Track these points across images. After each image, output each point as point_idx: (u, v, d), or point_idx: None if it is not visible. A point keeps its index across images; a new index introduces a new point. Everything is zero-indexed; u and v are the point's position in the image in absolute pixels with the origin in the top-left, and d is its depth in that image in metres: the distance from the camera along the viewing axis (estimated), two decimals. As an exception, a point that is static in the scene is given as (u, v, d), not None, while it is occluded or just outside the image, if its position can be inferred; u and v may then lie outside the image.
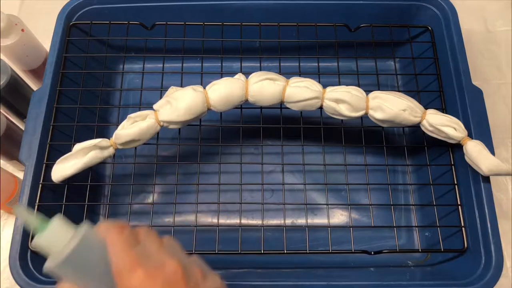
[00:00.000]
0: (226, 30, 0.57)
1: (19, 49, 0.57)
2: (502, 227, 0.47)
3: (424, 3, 0.59)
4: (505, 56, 0.71)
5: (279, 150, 0.55)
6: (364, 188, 0.55)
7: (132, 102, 0.63)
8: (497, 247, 0.46)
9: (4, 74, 0.54)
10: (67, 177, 0.46)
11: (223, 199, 0.51)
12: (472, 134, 0.50)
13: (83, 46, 0.58)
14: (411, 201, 0.57)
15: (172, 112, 0.47)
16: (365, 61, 0.60)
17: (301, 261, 0.54)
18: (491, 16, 0.74)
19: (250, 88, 0.49)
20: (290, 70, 0.56)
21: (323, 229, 0.55)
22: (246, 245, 0.48)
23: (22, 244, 0.45)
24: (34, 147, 0.49)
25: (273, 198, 0.58)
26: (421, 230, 0.57)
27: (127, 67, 0.65)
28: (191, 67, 0.59)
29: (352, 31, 0.58)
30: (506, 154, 0.64)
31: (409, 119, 0.49)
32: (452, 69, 0.55)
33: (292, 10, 0.59)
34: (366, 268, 0.53)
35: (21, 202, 0.47)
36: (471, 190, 0.49)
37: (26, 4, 0.74)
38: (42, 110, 0.51)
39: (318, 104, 0.50)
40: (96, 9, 0.58)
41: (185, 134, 0.53)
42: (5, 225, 0.60)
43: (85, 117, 0.55)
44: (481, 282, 0.45)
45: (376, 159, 0.59)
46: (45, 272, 0.29)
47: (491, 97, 0.66)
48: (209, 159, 0.58)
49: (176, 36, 0.57)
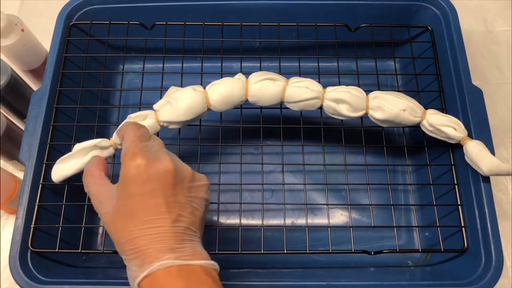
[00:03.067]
0: (226, 30, 0.57)
1: (19, 49, 0.57)
2: (502, 227, 0.47)
3: (424, 3, 0.59)
4: (505, 56, 0.71)
5: (279, 150, 0.55)
6: (364, 188, 0.55)
7: (132, 102, 0.63)
8: (497, 247, 0.46)
9: (4, 74, 0.54)
10: (67, 177, 0.46)
11: (223, 199, 0.51)
12: (472, 134, 0.50)
13: (83, 46, 0.58)
14: (411, 201, 0.57)
15: (172, 112, 0.47)
16: (365, 61, 0.60)
17: (301, 261, 0.54)
18: (491, 16, 0.74)
19: (250, 88, 0.49)
20: (290, 70, 0.56)
21: (323, 229, 0.55)
22: (246, 245, 0.48)
23: (22, 244, 0.45)
24: (34, 147, 0.49)
25: (273, 198, 0.58)
26: (421, 230, 0.57)
27: (127, 67, 0.65)
28: (191, 67, 0.59)
29: (352, 31, 0.58)
30: (506, 154, 0.64)
31: (409, 119, 0.49)
32: (452, 69, 0.55)
33: (292, 10, 0.59)
34: (366, 268, 0.53)
35: (21, 202, 0.47)
36: (471, 190, 0.49)
37: (26, 4, 0.74)
38: (42, 110, 0.51)
39: (318, 104, 0.50)
40: (96, 9, 0.58)
41: (185, 134, 0.53)
42: (5, 225, 0.60)
43: (85, 117, 0.55)
44: (481, 282, 0.45)
45: (376, 159, 0.59)
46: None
47: (491, 97, 0.66)
48: (209, 159, 0.58)
49: (176, 36, 0.57)
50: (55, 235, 0.47)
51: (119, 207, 0.35)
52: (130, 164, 0.35)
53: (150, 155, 0.36)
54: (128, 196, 0.35)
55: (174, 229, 0.34)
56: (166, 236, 0.34)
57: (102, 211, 0.36)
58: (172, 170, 0.35)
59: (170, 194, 0.35)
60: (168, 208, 0.34)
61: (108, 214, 0.36)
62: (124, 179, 0.35)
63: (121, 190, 0.36)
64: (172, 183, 0.35)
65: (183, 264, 0.33)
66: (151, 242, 0.33)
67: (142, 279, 0.33)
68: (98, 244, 0.56)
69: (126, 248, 0.34)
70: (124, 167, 0.35)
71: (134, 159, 0.35)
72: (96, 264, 0.54)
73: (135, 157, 0.35)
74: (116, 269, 0.51)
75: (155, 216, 0.34)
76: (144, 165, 0.35)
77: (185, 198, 0.36)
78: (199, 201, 0.37)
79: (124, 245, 0.34)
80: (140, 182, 0.35)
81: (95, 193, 0.38)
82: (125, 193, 0.35)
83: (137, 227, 0.34)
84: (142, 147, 0.36)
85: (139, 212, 0.34)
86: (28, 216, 0.46)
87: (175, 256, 0.33)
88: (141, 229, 0.34)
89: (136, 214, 0.34)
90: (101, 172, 0.39)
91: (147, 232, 0.34)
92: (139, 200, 0.34)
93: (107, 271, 0.53)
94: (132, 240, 0.34)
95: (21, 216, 0.46)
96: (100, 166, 0.40)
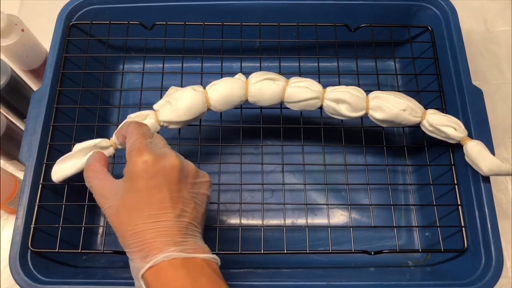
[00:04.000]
0: (226, 30, 0.57)
1: (19, 49, 0.57)
2: (502, 227, 0.47)
3: (424, 3, 0.59)
4: (505, 56, 0.71)
5: (279, 150, 0.55)
6: (364, 188, 0.55)
7: (132, 102, 0.63)
8: (497, 247, 0.46)
9: (4, 74, 0.54)
10: (67, 177, 0.46)
11: (223, 199, 0.51)
12: (472, 134, 0.50)
13: (83, 46, 0.58)
14: (411, 201, 0.57)
15: (172, 112, 0.47)
16: (365, 61, 0.60)
17: (301, 261, 0.54)
18: (491, 16, 0.74)
19: (250, 88, 0.49)
20: (290, 70, 0.56)
21: (323, 229, 0.55)
22: (246, 245, 0.48)
23: (22, 244, 0.45)
24: (34, 147, 0.49)
25: (273, 198, 0.58)
26: (421, 230, 0.57)
27: (127, 67, 0.65)
28: (191, 67, 0.59)
29: (352, 31, 0.58)
30: (506, 154, 0.64)
31: (409, 119, 0.49)
32: (452, 69, 0.55)
33: (292, 10, 0.59)
34: (366, 268, 0.53)
35: (21, 202, 0.47)
36: (471, 190, 0.49)
37: (26, 4, 0.74)
38: (42, 110, 0.51)
39: (318, 104, 0.50)
40: (96, 9, 0.58)
41: (185, 134, 0.53)
42: (5, 225, 0.60)
43: (85, 117, 0.55)
44: (481, 282, 0.45)
45: (376, 159, 0.59)
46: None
47: (491, 97, 0.66)
48: (209, 159, 0.58)
49: (176, 36, 0.57)
50: (55, 235, 0.47)
51: (125, 201, 0.36)
52: (137, 159, 0.36)
53: (156, 151, 0.37)
54: (134, 191, 0.36)
55: (178, 224, 0.35)
56: (171, 230, 0.35)
57: (106, 205, 0.37)
58: (178, 166, 0.36)
59: (175, 189, 0.36)
60: (172, 203, 0.35)
61: (112, 207, 0.37)
62: (131, 174, 0.36)
63: (127, 185, 0.36)
64: (178, 178, 0.36)
65: (187, 257, 0.34)
66: (156, 235, 0.34)
67: (146, 270, 0.33)
68: (98, 244, 0.56)
69: (131, 241, 0.35)
70: (131, 163, 0.36)
71: (141, 155, 0.36)
72: (96, 264, 0.54)
73: (142, 153, 0.36)
74: (116, 269, 0.51)
75: (160, 210, 0.35)
76: (151, 160, 0.35)
77: (188, 193, 0.37)
78: (201, 197, 0.38)
79: (129, 238, 0.35)
80: (147, 177, 0.35)
81: (98, 188, 0.38)
82: (132, 187, 0.36)
83: (143, 221, 0.35)
84: (148, 143, 0.37)
85: (145, 207, 0.35)
86: (28, 216, 0.46)
87: (179, 249, 0.34)
88: (146, 223, 0.35)
89: (142, 208, 0.35)
90: (103, 167, 0.40)
91: (152, 226, 0.34)
92: (145, 195, 0.35)
93: (107, 271, 0.53)
94: (137, 233, 0.34)
95: (21, 216, 0.46)
96: (101, 162, 0.41)
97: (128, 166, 0.36)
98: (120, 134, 0.43)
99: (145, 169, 0.35)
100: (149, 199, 0.35)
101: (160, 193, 0.35)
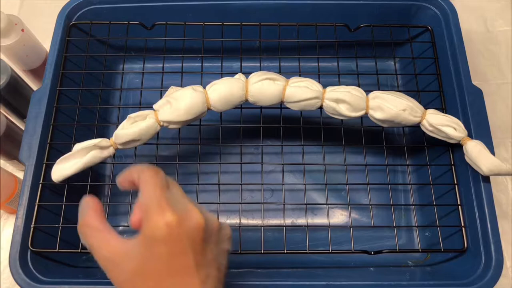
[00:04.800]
0: (226, 30, 0.57)
1: (19, 49, 0.57)
2: (502, 227, 0.47)
3: (424, 3, 0.59)
4: (505, 56, 0.71)
5: (279, 150, 0.55)
6: (364, 188, 0.55)
7: (132, 102, 0.63)
8: (497, 247, 0.46)
9: (4, 74, 0.54)
10: (67, 177, 0.46)
11: (223, 199, 0.51)
12: (472, 134, 0.50)
13: (83, 46, 0.58)
14: (411, 201, 0.57)
15: (172, 112, 0.47)
16: (365, 61, 0.60)
17: (301, 261, 0.54)
18: (491, 16, 0.74)
19: (250, 88, 0.49)
20: (290, 70, 0.56)
21: (323, 229, 0.55)
22: (246, 245, 0.48)
23: (22, 244, 0.45)
24: (34, 147, 0.49)
25: (273, 198, 0.58)
26: (421, 230, 0.57)
27: (127, 67, 0.65)
28: (191, 67, 0.59)
29: (352, 31, 0.58)
30: (506, 154, 0.64)
31: (409, 119, 0.49)
32: (452, 69, 0.55)
33: (292, 10, 0.59)
34: (366, 268, 0.53)
35: (21, 202, 0.47)
36: (471, 190, 0.49)
37: (26, 4, 0.74)
38: (42, 110, 0.51)
39: (318, 104, 0.50)
40: (96, 9, 0.58)
41: (185, 134, 0.53)
42: (5, 225, 0.60)
43: (85, 117, 0.55)
44: (481, 282, 0.45)
45: (376, 159, 0.59)
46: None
47: (491, 97, 0.66)
48: (209, 159, 0.58)
49: (176, 36, 0.57)
50: (55, 235, 0.47)
51: (142, 268, 0.31)
52: (158, 220, 0.30)
53: (178, 208, 0.31)
54: (153, 257, 0.31)
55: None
56: None
57: (114, 271, 0.32)
58: (203, 226, 0.32)
59: (199, 251, 0.32)
60: (197, 269, 0.31)
61: (123, 275, 0.32)
62: (151, 239, 0.31)
63: (144, 249, 0.31)
64: (202, 239, 0.32)
65: None
66: None
67: None
68: (98, 244, 0.56)
69: None
70: (151, 224, 0.30)
71: (163, 214, 0.30)
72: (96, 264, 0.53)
73: (164, 212, 0.30)
74: (116, 269, 0.51)
75: (184, 278, 0.31)
76: (175, 222, 0.30)
77: (212, 254, 0.33)
78: (224, 255, 0.35)
79: None
80: (171, 243, 0.31)
81: (100, 250, 0.33)
82: (150, 253, 0.31)
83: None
84: (168, 198, 0.31)
85: (167, 276, 0.31)
86: (28, 216, 0.46)
87: None
88: None
89: (163, 278, 0.31)
90: (101, 219, 0.34)
91: None
92: (166, 261, 0.31)
93: (107, 271, 0.53)
94: None
95: (21, 216, 0.46)
96: (97, 212, 0.34)
97: (148, 228, 0.31)
98: (126, 180, 0.35)
99: (168, 233, 0.30)
100: (171, 265, 0.31)
101: (184, 259, 0.31)
